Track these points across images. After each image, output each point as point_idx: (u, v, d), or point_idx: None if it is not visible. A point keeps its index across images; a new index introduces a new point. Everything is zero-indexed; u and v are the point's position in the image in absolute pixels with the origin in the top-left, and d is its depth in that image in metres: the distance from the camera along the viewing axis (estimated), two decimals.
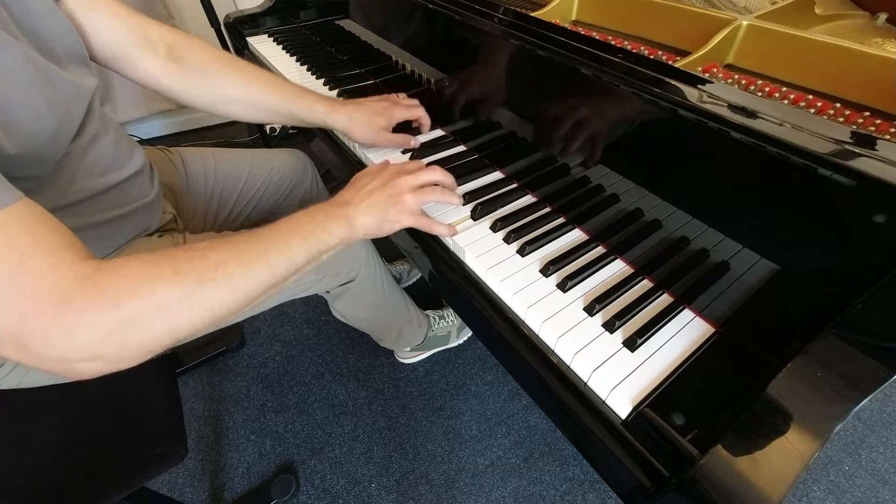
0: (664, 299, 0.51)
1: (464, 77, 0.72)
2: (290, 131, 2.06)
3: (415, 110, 0.76)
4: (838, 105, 0.48)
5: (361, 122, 0.72)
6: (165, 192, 0.76)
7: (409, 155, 0.75)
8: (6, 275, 0.34)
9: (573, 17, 0.75)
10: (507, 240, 0.58)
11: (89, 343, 0.37)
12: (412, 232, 0.65)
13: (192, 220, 0.82)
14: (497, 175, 0.71)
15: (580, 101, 0.58)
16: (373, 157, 0.74)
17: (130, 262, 0.40)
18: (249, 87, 0.70)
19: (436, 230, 0.59)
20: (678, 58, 0.56)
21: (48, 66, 0.48)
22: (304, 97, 0.73)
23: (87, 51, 0.57)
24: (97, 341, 0.37)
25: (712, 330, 0.48)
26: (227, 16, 1.20)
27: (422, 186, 0.58)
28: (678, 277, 0.51)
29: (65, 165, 0.52)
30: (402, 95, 0.79)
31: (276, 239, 0.48)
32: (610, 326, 0.48)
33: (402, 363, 1.20)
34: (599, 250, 0.57)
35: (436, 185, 0.59)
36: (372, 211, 0.54)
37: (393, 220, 0.55)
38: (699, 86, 0.47)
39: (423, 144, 0.76)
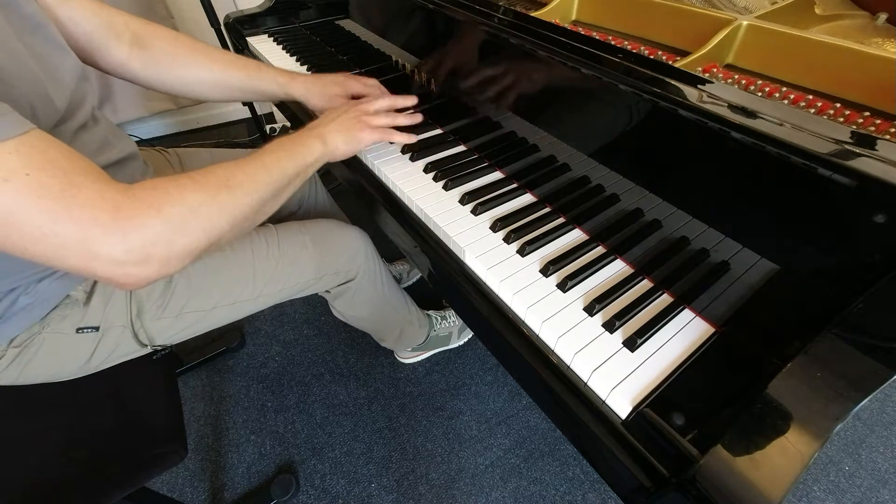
0: (664, 299, 0.51)
1: (463, 77, 0.72)
2: (290, 131, 2.06)
3: (370, 88, 0.79)
4: (838, 105, 0.48)
5: (318, 91, 0.77)
6: None
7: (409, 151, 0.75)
8: (58, 188, 0.38)
9: (573, 17, 0.75)
10: (507, 240, 0.58)
11: (142, 245, 0.42)
12: (412, 231, 0.66)
13: None
14: (497, 175, 0.71)
15: (580, 102, 0.58)
16: (375, 160, 0.74)
17: (154, 180, 0.45)
18: (214, 66, 0.74)
19: (395, 138, 0.70)
20: (678, 58, 0.56)
21: (28, 37, 0.48)
22: (266, 71, 0.78)
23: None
24: (148, 242, 0.42)
25: (712, 330, 0.48)
26: (227, 16, 1.20)
27: (376, 111, 0.69)
28: (678, 277, 0.51)
29: None
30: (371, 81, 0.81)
31: (267, 155, 0.56)
32: (610, 326, 0.48)
33: (403, 363, 1.20)
34: (599, 250, 0.57)
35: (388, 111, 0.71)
36: (340, 129, 0.64)
37: (358, 137, 0.65)
38: (699, 86, 0.47)
39: (422, 144, 0.76)
